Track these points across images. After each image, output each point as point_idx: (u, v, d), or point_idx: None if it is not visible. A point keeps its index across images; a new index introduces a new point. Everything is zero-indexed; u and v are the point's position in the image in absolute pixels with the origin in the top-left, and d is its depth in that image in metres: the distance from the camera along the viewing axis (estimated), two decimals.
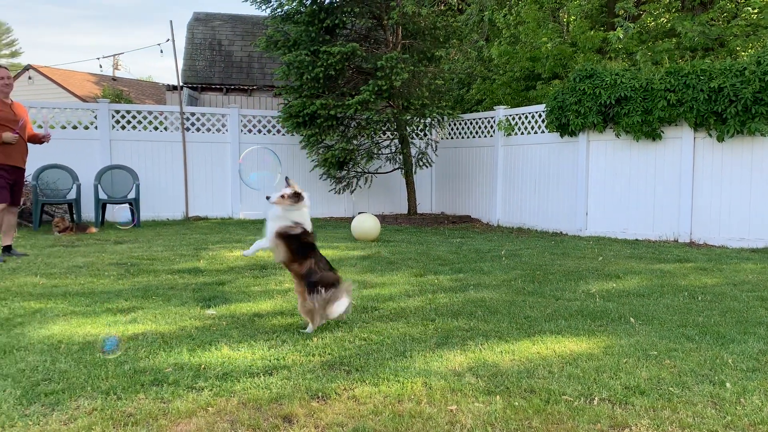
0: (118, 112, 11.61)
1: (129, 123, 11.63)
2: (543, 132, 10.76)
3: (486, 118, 12.09)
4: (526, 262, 7.11)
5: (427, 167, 12.58)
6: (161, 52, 63.54)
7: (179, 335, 4.00)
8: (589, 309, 4.81)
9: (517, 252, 7.87)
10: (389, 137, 12.23)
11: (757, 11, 11.77)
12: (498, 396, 3.02)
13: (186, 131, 11.95)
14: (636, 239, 9.35)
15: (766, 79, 8.08)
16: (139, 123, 11.71)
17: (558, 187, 10.54)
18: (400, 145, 12.07)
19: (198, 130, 12.13)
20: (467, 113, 13.42)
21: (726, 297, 5.30)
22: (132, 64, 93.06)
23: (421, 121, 12.04)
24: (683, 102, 8.76)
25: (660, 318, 4.58)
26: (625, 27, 11.15)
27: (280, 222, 4.14)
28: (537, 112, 10.87)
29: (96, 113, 11.42)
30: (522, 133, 11.25)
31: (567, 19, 14.48)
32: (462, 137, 12.82)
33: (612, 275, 6.27)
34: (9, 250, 7.16)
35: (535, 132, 10.96)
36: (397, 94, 11.50)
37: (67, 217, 10.12)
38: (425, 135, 12.66)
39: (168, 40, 16.06)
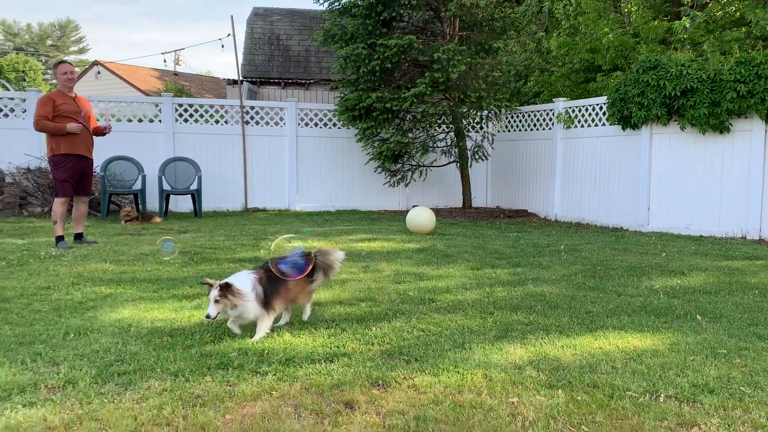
0: (181, 105, 11.96)
1: (191, 116, 11.97)
2: (604, 125, 10.51)
3: (544, 110, 11.89)
4: (586, 257, 6.97)
5: (483, 160, 12.47)
6: (222, 47, 65.00)
7: None
8: (653, 305, 4.69)
9: (577, 247, 7.72)
10: (445, 130, 12.17)
11: None
12: (560, 390, 2.99)
13: (245, 124, 12.21)
14: (701, 235, 9.04)
15: None
16: (201, 116, 12.04)
17: (619, 181, 10.28)
18: (455, 138, 11.99)
19: (257, 123, 12.39)
20: (524, 105, 13.22)
21: None
22: (192, 59, 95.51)
23: (478, 114, 11.94)
24: (754, 93, 8.39)
25: (728, 316, 4.42)
26: (692, 16, 10.74)
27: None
28: (597, 104, 10.63)
29: (160, 107, 11.80)
30: (581, 126, 11.02)
31: (628, 10, 14.02)
32: (519, 130, 12.64)
33: (676, 271, 6.08)
34: (80, 237, 7.49)
35: (596, 125, 10.72)
36: (454, 86, 11.43)
37: (133, 207, 10.50)
38: (481, 128, 12.55)
39: (229, 35, 16.38)
